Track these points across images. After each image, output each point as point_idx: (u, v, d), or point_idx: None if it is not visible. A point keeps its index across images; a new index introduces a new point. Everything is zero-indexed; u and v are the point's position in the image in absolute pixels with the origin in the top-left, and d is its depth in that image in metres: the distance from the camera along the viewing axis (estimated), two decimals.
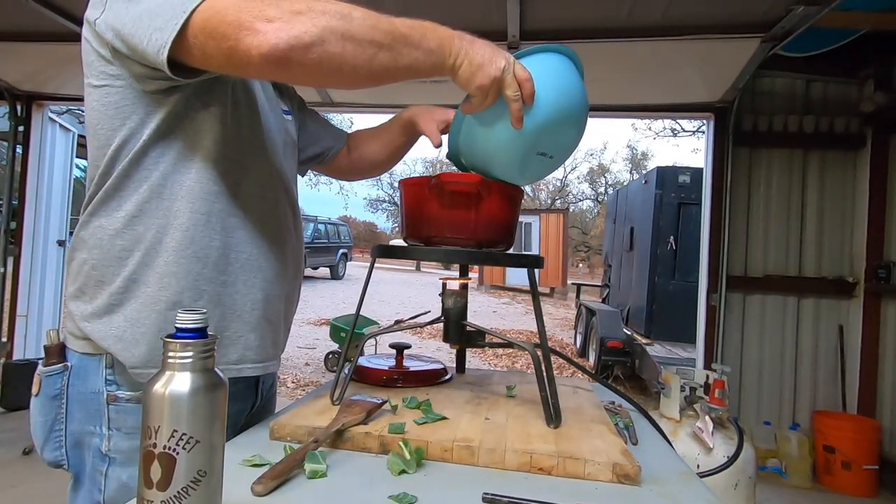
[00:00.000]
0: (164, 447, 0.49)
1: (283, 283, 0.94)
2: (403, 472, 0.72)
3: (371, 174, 1.29)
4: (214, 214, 0.83)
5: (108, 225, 0.80)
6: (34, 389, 0.84)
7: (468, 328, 1.02)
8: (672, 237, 5.60)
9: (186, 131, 0.81)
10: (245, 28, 0.65)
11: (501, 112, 0.81)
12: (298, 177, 1.11)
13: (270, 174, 0.92)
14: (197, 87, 0.80)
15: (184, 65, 0.71)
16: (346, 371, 0.98)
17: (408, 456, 0.72)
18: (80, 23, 3.08)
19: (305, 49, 0.66)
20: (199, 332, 0.52)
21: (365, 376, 1.10)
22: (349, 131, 1.26)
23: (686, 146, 62.71)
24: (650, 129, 18.71)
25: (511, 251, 1.01)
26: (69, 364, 0.83)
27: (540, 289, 1.03)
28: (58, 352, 0.84)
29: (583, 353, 6.98)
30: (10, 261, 4.13)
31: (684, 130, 16.59)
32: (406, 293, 14.13)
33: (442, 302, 1.04)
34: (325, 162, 1.21)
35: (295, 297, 1.02)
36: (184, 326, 0.52)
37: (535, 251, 14.85)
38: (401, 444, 0.75)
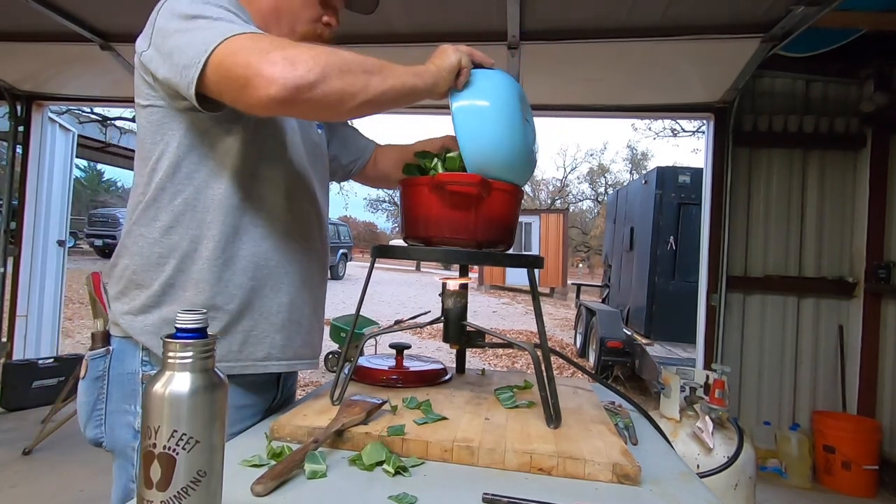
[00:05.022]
0: (164, 447, 0.49)
1: (308, 288, 1.01)
2: (396, 471, 0.72)
3: (386, 187, 1.37)
4: (244, 226, 0.91)
5: (148, 234, 0.88)
6: (81, 373, 0.92)
7: (468, 328, 1.02)
8: (672, 237, 5.59)
9: (216, 148, 0.89)
10: (253, 71, 0.71)
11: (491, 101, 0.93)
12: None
13: (296, 187, 0.99)
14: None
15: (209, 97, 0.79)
16: (346, 371, 0.98)
17: (392, 471, 0.71)
18: (79, 23, 3.05)
19: (310, 87, 0.72)
20: (199, 333, 0.52)
21: (365, 376, 1.10)
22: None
23: (686, 146, 62.78)
24: (650, 129, 18.71)
25: (511, 251, 1.01)
26: (111, 348, 0.91)
27: (540, 289, 1.03)
28: (102, 338, 0.92)
29: (583, 353, 6.98)
30: (10, 261, 4.13)
31: (684, 130, 16.60)
32: (406, 293, 14.13)
33: (442, 302, 1.04)
34: (354, 172, 1.28)
35: (322, 299, 1.08)
36: (184, 326, 0.51)
37: (535, 251, 14.84)
38: (387, 465, 0.73)
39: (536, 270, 0.96)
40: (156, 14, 0.84)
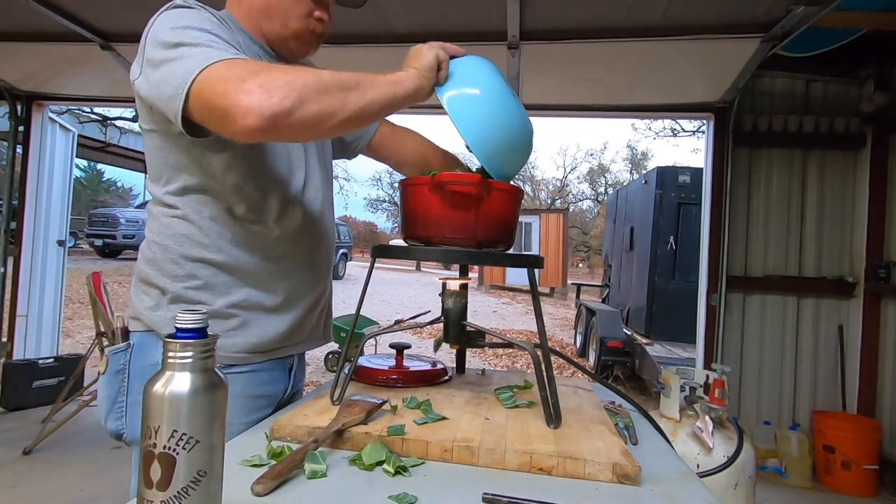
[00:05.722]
0: (164, 447, 0.49)
1: (313, 290, 1.06)
2: (397, 471, 0.71)
3: (397, 170, 1.36)
4: (252, 237, 0.95)
5: (160, 240, 0.94)
6: (101, 368, 0.96)
7: (468, 328, 1.02)
8: (672, 237, 5.59)
9: (216, 165, 0.91)
10: (230, 102, 0.71)
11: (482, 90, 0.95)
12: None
13: (301, 193, 1.01)
14: None
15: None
16: (346, 371, 0.98)
17: (392, 471, 0.71)
18: (79, 23, 3.04)
19: (288, 114, 0.72)
20: (199, 332, 0.52)
21: (365, 376, 1.10)
22: None
23: (686, 146, 62.74)
24: (650, 129, 18.68)
25: (511, 251, 1.01)
26: (131, 342, 0.95)
27: (540, 289, 1.03)
28: (122, 333, 0.97)
29: (583, 353, 6.98)
30: (10, 261, 4.13)
31: (684, 130, 16.58)
32: (406, 293, 14.12)
33: (442, 302, 1.04)
34: (359, 149, 1.28)
35: (327, 295, 1.15)
36: (184, 326, 0.51)
37: (535, 251, 14.84)
38: (387, 465, 0.73)
39: (536, 270, 0.96)
40: (144, 41, 0.85)
